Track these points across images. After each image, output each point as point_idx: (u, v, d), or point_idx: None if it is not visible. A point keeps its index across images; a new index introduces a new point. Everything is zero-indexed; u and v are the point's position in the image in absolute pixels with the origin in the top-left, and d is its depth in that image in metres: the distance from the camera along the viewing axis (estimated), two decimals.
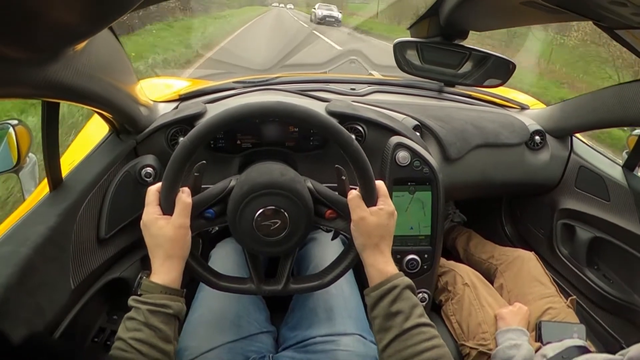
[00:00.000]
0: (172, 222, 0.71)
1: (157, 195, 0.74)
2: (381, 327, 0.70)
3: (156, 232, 0.71)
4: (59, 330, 0.85)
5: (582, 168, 1.39)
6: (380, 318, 0.70)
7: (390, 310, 0.69)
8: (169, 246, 0.71)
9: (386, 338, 0.68)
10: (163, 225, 0.71)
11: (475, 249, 1.59)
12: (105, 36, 0.82)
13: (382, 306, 0.70)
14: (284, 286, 0.83)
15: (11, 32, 0.41)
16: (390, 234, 0.77)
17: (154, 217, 0.72)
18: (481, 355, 1.10)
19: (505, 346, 1.03)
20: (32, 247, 0.79)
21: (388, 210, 0.76)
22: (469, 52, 1.44)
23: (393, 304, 0.69)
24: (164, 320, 0.67)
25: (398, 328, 0.67)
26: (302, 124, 0.88)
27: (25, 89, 0.56)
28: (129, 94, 0.98)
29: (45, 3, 0.39)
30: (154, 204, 0.73)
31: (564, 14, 0.92)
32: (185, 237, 0.73)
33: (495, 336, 1.10)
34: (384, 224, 0.75)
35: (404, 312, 0.68)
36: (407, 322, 0.67)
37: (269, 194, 0.76)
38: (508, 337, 1.05)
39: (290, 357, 0.91)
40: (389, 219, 0.76)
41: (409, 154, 1.11)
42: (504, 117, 1.43)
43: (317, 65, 4.13)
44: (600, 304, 1.35)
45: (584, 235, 1.38)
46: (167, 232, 0.70)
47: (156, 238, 0.71)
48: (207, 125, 0.71)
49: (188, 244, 0.74)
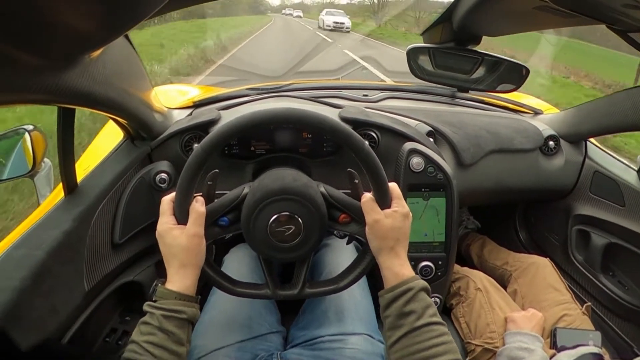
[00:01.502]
0: (186, 231, 0.72)
1: (171, 205, 0.75)
2: (392, 325, 0.70)
3: (171, 241, 0.72)
4: (72, 330, 0.87)
5: (596, 173, 1.38)
6: (392, 317, 0.70)
7: (403, 310, 0.69)
8: (183, 255, 0.72)
9: (396, 335, 0.68)
10: (177, 235, 0.72)
11: (490, 256, 1.58)
12: (121, 43, 0.83)
13: (396, 306, 0.70)
14: (300, 291, 0.83)
15: (28, 38, 0.42)
16: (405, 236, 0.76)
17: (168, 226, 0.73)
18: (486, 353, 1.09)
19: (515, 346, 1.02)
20: (47, 251, 0.80)
21: (402, 212, 0.75)
22: (481, 57, 1.44)
23: (407, 305, 0.69)
24: (178, 324, 0.68)
25: (409, 326, 0.67)
26: (313, 129, 0.89)
27: (42, 95, 0.57)
28: (143, 100, 0.99)
29: (61, 11, 0.40)
30: (168, 214, 0.74)
31: (577, 17, 0.91)
32: (199, 246, 0.73)
33: (503, 336, 1.09)
34: (399, 226, 0.74)
35: (416, 312, 0.68)
36: (418, 320, 0.67)
37: (282, 200, 0.76)
38: (519, 339, 1.04)
39: (298, 354, 0.91)
40: (404, 220, 0.75)
41: (423, 160, 1.11)
42: (518, 123, 1.42)
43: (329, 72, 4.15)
44: (615, 310, 1.33)
45: (598, 241, 1.36)
46: (181, 242, 0.71)
47: (171, 247, 0.72)
48: (219, 133, 0.71)
49: (203, 252, 0.74)
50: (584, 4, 0.82)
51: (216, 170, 0.79)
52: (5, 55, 0.42)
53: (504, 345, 1.06)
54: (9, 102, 0.52)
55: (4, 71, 0.44)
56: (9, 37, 0.40)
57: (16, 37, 0.40)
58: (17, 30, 0.39)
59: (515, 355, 1.00)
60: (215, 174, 0.79)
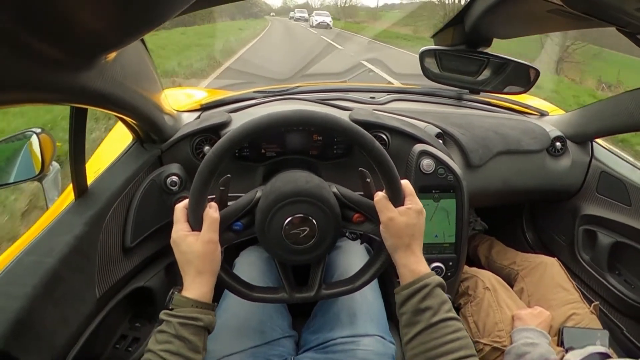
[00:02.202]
0: (200, 237, 0.71)
1: (184, 212, 0.74)
2: (409, 321, 0.70)
3: (186, 248, 0.71)
4: (83, 337, 0.86)
5: (603, 173, 1.39)
6: (408, 314, 0.70)
7: (419, 307, 0.69)
8: (199, 262, 0.71)
9: (412, 331, 0.68)
10: (192, 242, 0.71)
11: (497, 256, 1.59)
12: (135, 46, 0.83)
13: (412, 303, 0.70)
14: (317, 292, 0.83)
15: (52, 33, 0.42)
16: (420, 232, 0.76)
17: (183, 233, 0.72)
18: (494, 351, 1.10)
19: (521, 343, 1.03)
20: (58, 258, 0.79)
21: (416, 208, 0.75)
22: (487, 59, 1.43)
23: (423, 301, 0.69)
24: (194, 332, 0.68)
25: (425, 322, 0.67)
26: (324, 130, 0.89)
27: (60, 95, 0.57)
28: (155, 102, 0.99)
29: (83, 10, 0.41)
30: (182, 221, 0.74)
31: (589, 20, 0.92)
32: (214, 252, 0.73)
33: (511, 334, 1.10)
34: (413, 222, 0.74)
35: (432, 308, 0.68)
36: (434, 317, 0.67)
37: (295, 202, 0.76)
38: (524, 336, 1.05)
39: (310, 358, 0.91)
40: (418, 217, 0.75)
41: (433, 161, 1.11)
42: (525, 124, 1.42)
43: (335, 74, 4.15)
44: (622, 309, 1.34)
45: (605, 240, 1.37)
46: (196, 249, 0.71)
47: (186, 255, 0.72)
48: (229, 138, 0.71)
49: (218, 258, 0.74)
50: (598, 7, 0.83)
51: (228, 175, 0.79)
52: (29, 48, 0.42)
53: (511, 344, 1.06)
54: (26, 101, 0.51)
55: (24, 64, 0.44)
56: (34, 31, 0.40)
57: (40, 31, 0.41)
58: (41, 23, 0.39)
59: (522, 351, 1.01)
60: (228, 179, 0.79)
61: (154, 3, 0.47)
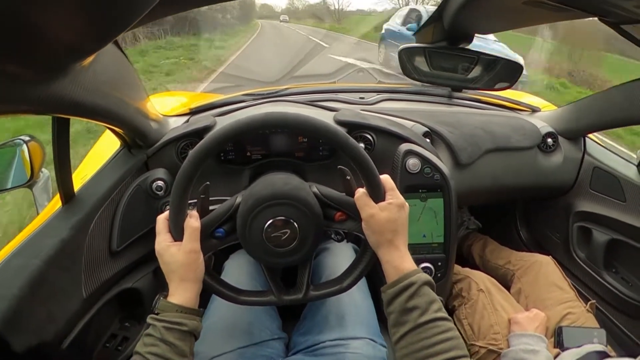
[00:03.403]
0: (182, 248, 0.72)
1: (166, 223, 0.75)
2: (396, 321, 0.69)
3: (169, 259, 0.73)
4: (71, 336, 0.87)
5: (596, 169, 1.37)
6: (395, 313, 0.69)
7: (406, 306, 0.68)
8: (182, 271, 0.72)
9: (400, 331, 0.67)
10: (175, 252, 0.72)
11: (492, 255, 1.57)
12: (112, 51, 0.83)
13: (399, 302, 0.69)
14: (305, 294, 0.83)
15: (16, 50, 0.42)
16: (403, 227, 0.75)
17: (165, 245, 0.73)
18: (490, 354, 1.09)
19: (520, 348, 1.01)
20: (45, 259, 0.81)
21: (397, 202, 0.74)
22: (477, 56, 1.43)
23: (410, 300, 0.68)
24: (180, 336, 0.69)
25: (413, 322, 0.66)
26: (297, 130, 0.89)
27: (33, 106, 0.57)
28: (138, 108, 1.00)
29: (45, 22, 0.40)
30: (164, 232, 0.75)
31: (569, 11, 0.91)
32: (197, 261, 0.74)
33: (508, 338, 1.08)
34: (395, 217, 0.73)
35: (420, 308, 0.67)
36: (422, 316, 0.66)
37: (274, 205, 0.76)
38: (524, 342, 1.03)
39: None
40: (400, 211, 0.74)
41: (419, 160, 1.10)
42: (515, 121, 1.41)
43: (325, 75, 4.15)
44: (619, 307, 1.32)
45: (600, 237, 1.35)
46: (179, 259, 0.72)
47: (169, 265, 0.73)
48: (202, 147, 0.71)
49: (201, 266, 0.75)
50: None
51: (207, 182, 0.79)
52: None
53: (508, 347, 1.05)
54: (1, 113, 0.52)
55: None
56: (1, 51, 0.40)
57: (3, 49, 0.41)
58: (4, 42, 0.39)
59: (520, 357, 0.99)
60: (207, 187, 0.79)
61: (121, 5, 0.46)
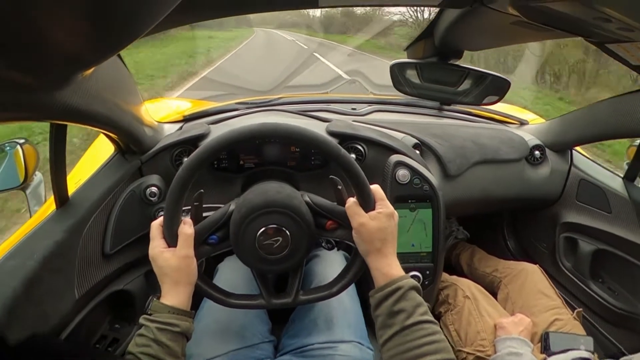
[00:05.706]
0: (176, 253, 0.75)
1: (160, 229, 0.77)
2: (383, 324, 0.71)
3: (162, 263, 0.74)
4: (62, 336, 0.88)
5: (582, 181, 1.40)
6: (382, 316, 0.71)
7: (393, 309, 0.70)
8: (175, 275, 0.75)
9: (387, 334, 0.69)
10: (168, 257, 0.74)
11: (479, 264, 1.59)
12: (112, 59, 0.85)
13: (386, 305, 0.71)
14: (294, 298, 0.85)
15: (22, 59, 0.43)
16: (392, 236, 0.77)
17: (159, 250, 0.75)
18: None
19: (505, 353, 1.03)
20: (39, 261, 0.81)
21: (387, 212, 0.77)
22: (467, 71, 1.45)
23: (396, 304, 0.70)
24: (172, 337, 0.70)
25: (399, 325, 0.68)
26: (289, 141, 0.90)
27: (35, 113, 0.59)
28: (134, 115, 1.01)
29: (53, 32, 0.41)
30: (158, 238, 0.77)
31: (554, 31, 0.94)
32: (190, 266, 0.76)
33: (494, 343, 1.10)
34: (384, 226, 0.76)
35: (406, 311, 0.69)
36: (409, 319, 0.68)
37: (267, 213, 0.78)
38: (508, 345, 1.05)
39: None
40: (389, 220, 0.76)
41: (409, 172, 1.12)
42: (503, 133, 1.44)
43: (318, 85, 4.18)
44: (605, 316, 1.34)
45: (586, 248, 1.37)
46: (172, 263, 0.74)
47: (163, 268, 0.75)
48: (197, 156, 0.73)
49: (194, 271, 0.77)
50: (557, 18, 0.84)
51: (201, 190, 0.81)
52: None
53: (495, 353, 1.06)
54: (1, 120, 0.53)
55: None
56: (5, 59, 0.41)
57: (9, 58, 0.41)
58: (10, 51, 0.40)
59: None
60: (201, 194, 0.81)
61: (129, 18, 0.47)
